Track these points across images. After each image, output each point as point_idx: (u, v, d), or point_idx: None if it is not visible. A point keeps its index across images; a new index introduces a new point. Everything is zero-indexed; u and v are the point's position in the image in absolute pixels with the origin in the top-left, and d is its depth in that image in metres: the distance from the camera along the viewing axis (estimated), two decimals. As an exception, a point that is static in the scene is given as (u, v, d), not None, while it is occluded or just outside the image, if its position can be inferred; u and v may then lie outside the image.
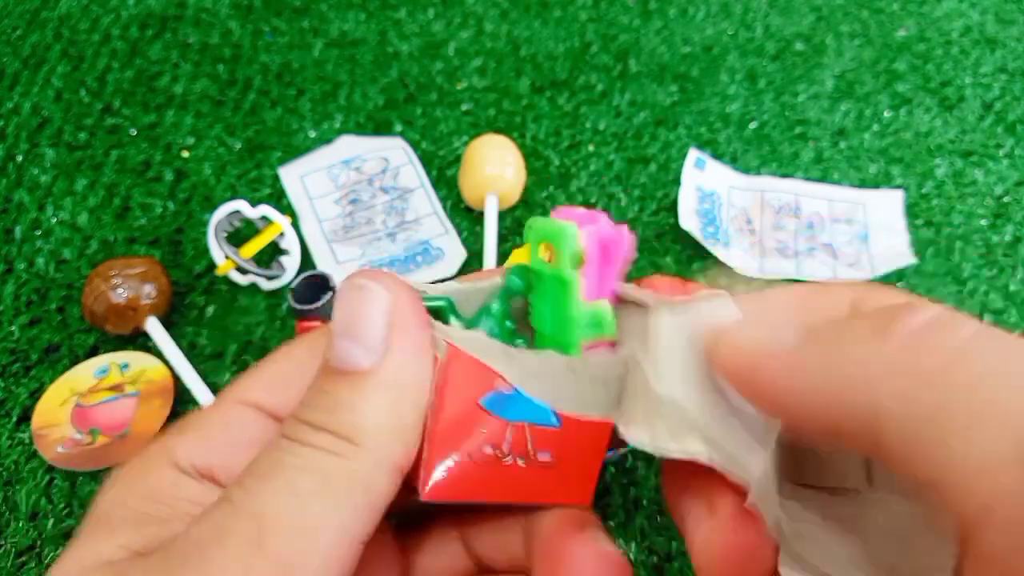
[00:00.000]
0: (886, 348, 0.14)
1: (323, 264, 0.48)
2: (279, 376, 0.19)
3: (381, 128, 0.56)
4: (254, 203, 0.47)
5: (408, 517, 0.21)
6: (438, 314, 0.19)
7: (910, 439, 0.13)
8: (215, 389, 0.42)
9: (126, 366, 0.43)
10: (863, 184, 0.53)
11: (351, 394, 0.16)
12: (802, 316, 0.17)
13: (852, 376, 0.14)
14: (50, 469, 0.40)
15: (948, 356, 0.13)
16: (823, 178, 0.53)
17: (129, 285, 0.43)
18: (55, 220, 0.50)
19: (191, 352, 0.44)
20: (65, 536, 0.38)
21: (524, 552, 0.20)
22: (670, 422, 0.17)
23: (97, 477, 0.39)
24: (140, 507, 0.17)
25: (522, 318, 0.19)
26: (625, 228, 0.18)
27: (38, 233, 0.50)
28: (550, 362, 0.18)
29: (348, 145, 0.54)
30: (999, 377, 0.12)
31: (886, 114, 0.58)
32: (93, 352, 0.44)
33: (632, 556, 0.37)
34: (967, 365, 0.13)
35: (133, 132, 0.56)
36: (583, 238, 0.17)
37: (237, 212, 0.46)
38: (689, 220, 0.49)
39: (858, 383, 0.14)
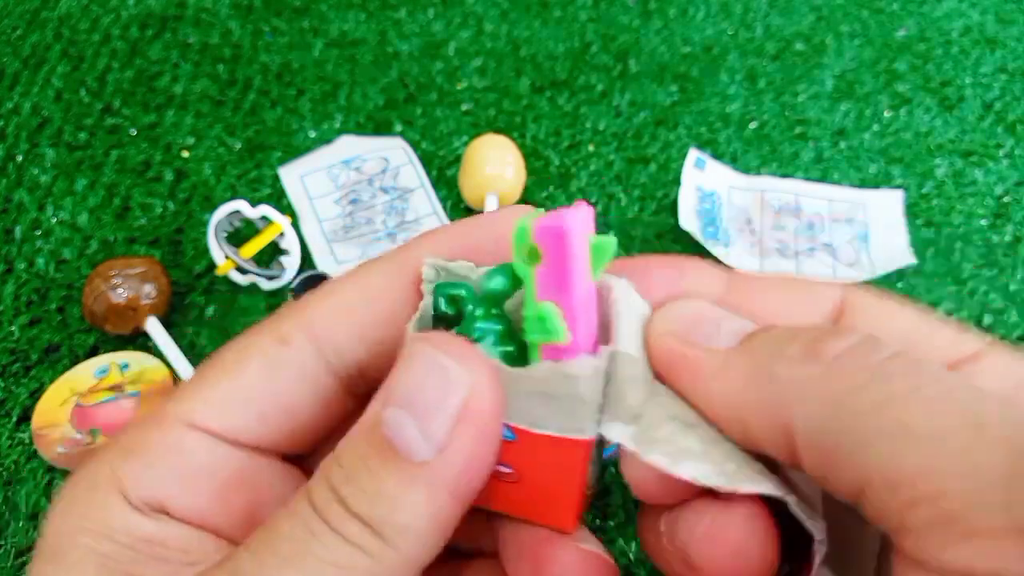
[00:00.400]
0: (807, 372, 0.14)
1: (323, 264, 0.48)
2: (232, 397, 0.17)
3: (381, 128, 0.56)
4: (254, 203, 0.47)
5: None
6: (456, 301, 0.17)
7: (821, 459, 0.14)
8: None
9: (126, 366, 0.43)
10: (863, 184, 0.53)
11: (397, 487, 0.15)
12: (777, 307, 0.17)
13: (772, 393, 0.15)
14: (50, 469, 0.40)
15: (859, 380, 0.14)
16: (823, 178, 0.53)
17: (129, 285, 0.43)
18: (55, 220, 0.50)
19: (191, 352, 0.44)
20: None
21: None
22: (731, 458, 0.16)
23: (97, 477, 0.39)
24: (96, 546, 0.16)
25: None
26: (570, 219, 0.15)
27: (38, 233, 0.50)
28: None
29: (348, 145, 0.54)
30: (903, 400, 0.13)
31: (886, 114, 0.58)
32: (93, 352, 0.44)
33: (632, 556, 0.37)
34: (874, 389, 0.14)
35: (133, 132, 0.56)
36: (535, 232, 0.16)
37: (237, 212, 0.46)
38: (689, 220, 0.49)
39: (776, 401, 0.15)
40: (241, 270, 0.46)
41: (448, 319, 0.18)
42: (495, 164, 0.49)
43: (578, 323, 0.16)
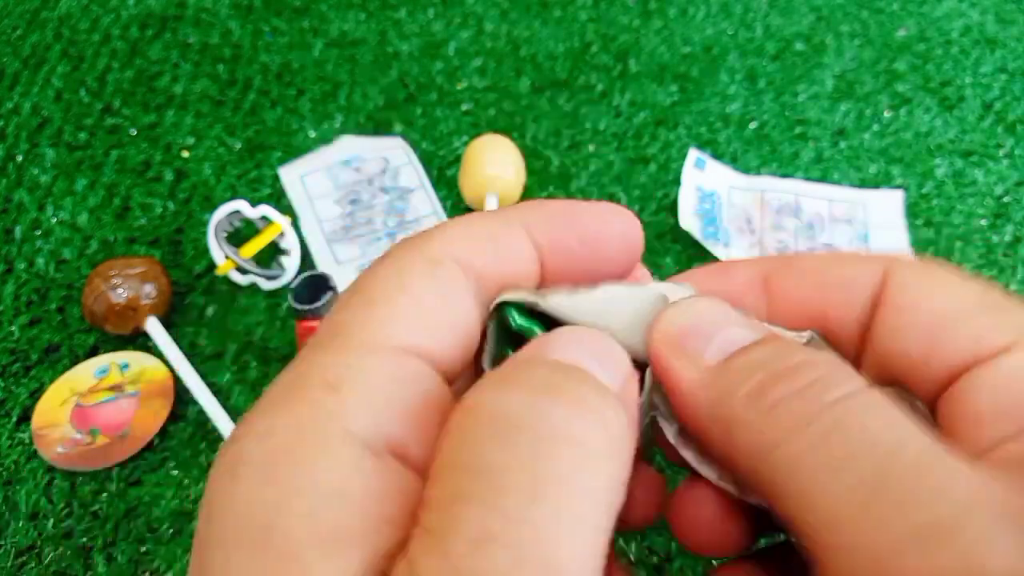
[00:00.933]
0: (748, 416, 0.15)
1: (323, 264, 0.48)
2: (427, 317, 0.15)
3: (381, 128, 0.56)
4: (254, 203, 0.47)
5: None
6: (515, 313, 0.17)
7: (759, 496, 0.15)
8: (215, 389, 0.42)
9: (126, 366, 0.43)
10: (863, 184, 0.53)
11: (596, 396, 0.14)
12: (815, 297, 0.18)
13: (724, 426, 0.15)
14: (50, 469, 0.40)
15: (780, 434, 0.14)
16: (823, 178, 0.53)
17: (129, 285, 0.43)
18: (55, 220, 0.50)
19: (191, 352, 0.44)
20: (65, 536, 0.38)
21: None
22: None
23: (97, 477, 0.39)
24: (330, 516, 0.12)
25: None
26: None
27: (38, 233, 0.50)
28: None
29: (348, 145, 0.54)
30: (803, 461, 0.14)
31: (886, 114, 0.58)
32: (93, 352, 0.44)
33: (632, 556, 0.37)
34: (788, 449, 0.14)
35: (133, 132, 0.56)
36: None
37: (237, 212, 0.46)
38: (689, 220, 0.49)
39: (726, 435, 0.15)
40: (241, 270, 0.46)
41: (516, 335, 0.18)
42: (495, 164, 0.49)
43: None
